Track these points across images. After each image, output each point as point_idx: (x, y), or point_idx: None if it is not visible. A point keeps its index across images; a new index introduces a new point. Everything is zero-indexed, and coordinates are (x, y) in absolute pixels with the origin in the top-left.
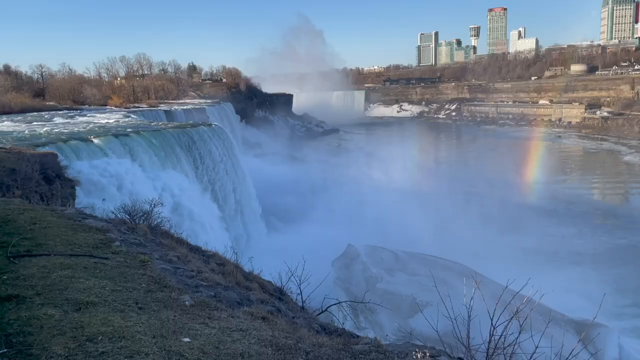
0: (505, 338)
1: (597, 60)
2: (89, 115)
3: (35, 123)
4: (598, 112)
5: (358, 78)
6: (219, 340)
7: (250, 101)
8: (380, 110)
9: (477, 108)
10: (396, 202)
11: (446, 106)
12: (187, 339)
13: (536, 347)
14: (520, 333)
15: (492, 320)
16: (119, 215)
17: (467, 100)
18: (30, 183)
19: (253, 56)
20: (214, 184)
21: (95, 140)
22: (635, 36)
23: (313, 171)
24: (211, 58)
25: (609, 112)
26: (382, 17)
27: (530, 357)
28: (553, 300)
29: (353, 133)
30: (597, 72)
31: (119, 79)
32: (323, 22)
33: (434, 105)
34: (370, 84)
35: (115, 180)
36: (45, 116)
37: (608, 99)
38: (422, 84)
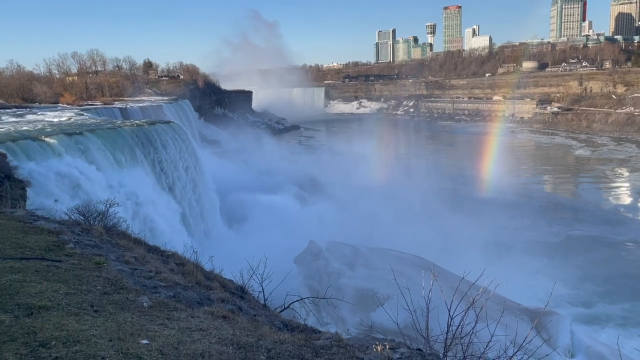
0: (462, 328)
1: (547, 58)
2: (39, 113)
3: None
4: (548, 108)
5: (317, 75)
6: (178, 341)
7: (209, 98)
8: (340, 107)
9: (434, 104)
10: (357, 197)
11: (404, 102)
12: (145, 341)
13: (492, 336)
14: (476, 322)
15: (449, 311)
16: (72, 216)
17: (425, 97)
18: None
19: (210, 50)
20: (172, 182)
21: (47, 140)
22: (582, 34)
23: (275, 167)
24: (168, 54)
25: (558, 108)
26: (341, 15)
27: (486, 346)
28: (507, 290)
29: (314, 130)
30: (547, 69)
31: (70, 76)
32: (282, 19)
33: (393, 101)
34: (330, 81)
35: (68, 180)
36: None
37: (558, 94)
38: (381, 81)
